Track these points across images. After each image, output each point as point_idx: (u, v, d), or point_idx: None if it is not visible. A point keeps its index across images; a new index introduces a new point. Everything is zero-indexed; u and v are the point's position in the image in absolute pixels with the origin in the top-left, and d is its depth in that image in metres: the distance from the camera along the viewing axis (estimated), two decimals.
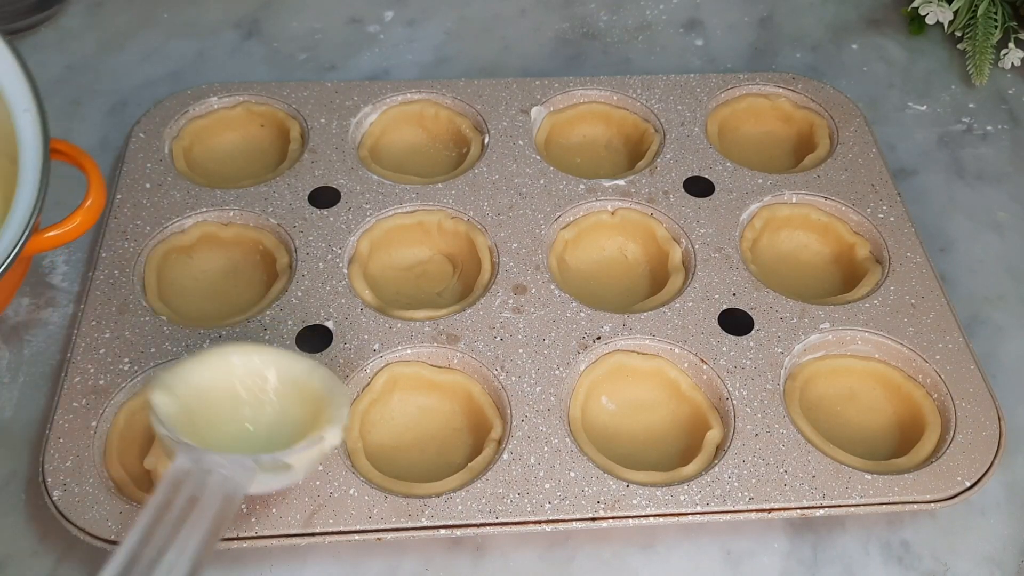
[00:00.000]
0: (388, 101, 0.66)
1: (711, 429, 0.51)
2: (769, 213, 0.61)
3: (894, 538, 0.51)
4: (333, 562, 0.48)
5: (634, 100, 0.67)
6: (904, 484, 0.48)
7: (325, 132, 0.64)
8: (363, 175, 0.61)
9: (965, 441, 0.50)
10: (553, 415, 0.50)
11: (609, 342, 0.54)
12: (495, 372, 0.52)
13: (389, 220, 0.59)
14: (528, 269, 0.57)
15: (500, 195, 0.61)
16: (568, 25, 0.80)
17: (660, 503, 0.47)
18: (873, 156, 0.65)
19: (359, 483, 0.47)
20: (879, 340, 0.55)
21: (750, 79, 0.70)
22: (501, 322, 0.54)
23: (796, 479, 0.48)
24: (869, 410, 0.54)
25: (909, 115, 0.74)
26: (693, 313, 0.55)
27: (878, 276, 0.58)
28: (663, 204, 0.61)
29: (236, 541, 0.45)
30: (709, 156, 0.64)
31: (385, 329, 0.53)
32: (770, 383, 0.52)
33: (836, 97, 0.69)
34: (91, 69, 0.73)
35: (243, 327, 0.53)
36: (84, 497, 0.46)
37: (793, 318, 0.55)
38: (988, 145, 0.72)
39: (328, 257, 0.57)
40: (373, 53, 0.76)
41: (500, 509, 0.47)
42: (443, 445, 0.52)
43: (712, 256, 0.58)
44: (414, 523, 0.46)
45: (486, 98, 0.67)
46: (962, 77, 0.76)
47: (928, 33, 0.80)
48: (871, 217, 0.61)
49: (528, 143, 0.64)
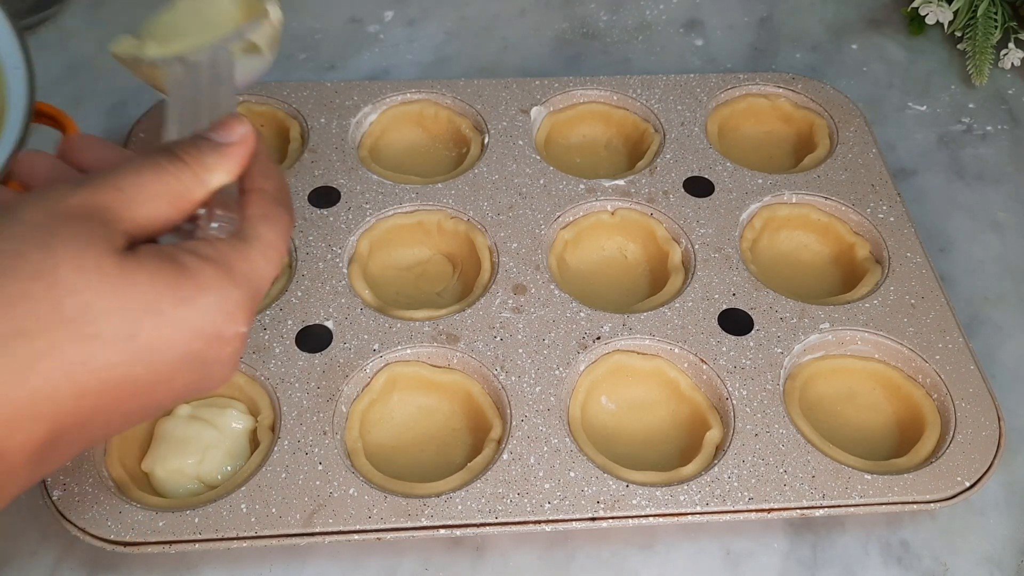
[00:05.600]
0: (388, 101, 0.66)
1: (711, 429, 0.51)
2: (769, 213, 0.61)
3: (894, 538, 0.51)
4: (333, 562, 0.48)
5: (634, 100, 0.67)
6: (904, 484, 0.48)
7: (325, 132, 0.64)
8: (363, 175, 0.61)
9: (965, 441, 0.50)
10: (553, 415, 0.50)
11: (609, 342, 0.54)
12: (495, 372, 0.52)
13: (389, 220, 0.59)
14: (528, 269, 0.57)
15: (500, 195, 0.61)
16: (568, 25, 0.80)
17: (660, 503, 0.47)
18: (873, 156, 0.65)
19: (359, 483, 0.47)
20: (879, 340, 0.55)
21: (750, 79, 0.70)
22: (501, 322, 0.54)
23: (796, 479, 0.48)
24: (869, 410, 0.54)
25: (909, 115, 0.74)
26: (693, 313, 0.55)
27: (878, 276, 0.58)
28: (663, 204, 0.61)
29: (236, 541, 0.45)
30: (709, 156, 0.64)
31: (385, 329, 0.53)
32: (770, 383, 0.52)
33: (836, 97, 0.69)
34: (91, 69, 0.73)
35: None
36: (84, 497, 0.46)
37: (793, 318, 0.55)
38: (988, 145, 0.72)
39: (328, 257, 0.57)
40: (373, 53, 0.76)
41: (500, 509, 0.47)
42: (443, 445, 0.52)
43: (712, 256, 0.58)
44: (414, 523, 0.46)
45: (486, 98, 0.66)
46: (962, 77, 0.76)
47: (928, 33, 0.80)
48: (871, 217, 0.61)
49: (528, 143, 0.64)
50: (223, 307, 0.35)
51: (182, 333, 0.34)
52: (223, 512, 0.46)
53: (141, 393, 0.34)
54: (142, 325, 0.33)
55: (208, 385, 0.37)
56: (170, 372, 0.35)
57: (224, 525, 0.45)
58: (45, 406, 0.32)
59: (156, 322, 0.33)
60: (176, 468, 0.48)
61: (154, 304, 0.33)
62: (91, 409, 0.33)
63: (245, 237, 0.37)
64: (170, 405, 0.37)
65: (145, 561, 0.48)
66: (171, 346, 0.34)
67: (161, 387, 0.35)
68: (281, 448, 0.48)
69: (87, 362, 0.32)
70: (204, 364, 0.36)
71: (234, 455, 0.49)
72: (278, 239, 0.38)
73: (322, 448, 0.48)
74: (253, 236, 0.37)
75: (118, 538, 0.45)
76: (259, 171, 0.39)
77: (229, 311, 0.35)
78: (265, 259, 0.37)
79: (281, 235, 0.38)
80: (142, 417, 0.36)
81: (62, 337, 0.32)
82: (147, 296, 0.33)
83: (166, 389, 0.35)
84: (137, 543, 0.45)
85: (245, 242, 0.37)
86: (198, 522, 0.45)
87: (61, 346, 0.32)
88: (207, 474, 0.48)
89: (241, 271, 0.36)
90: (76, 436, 0.34)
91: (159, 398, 0.36)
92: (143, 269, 0.34)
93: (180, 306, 0.34)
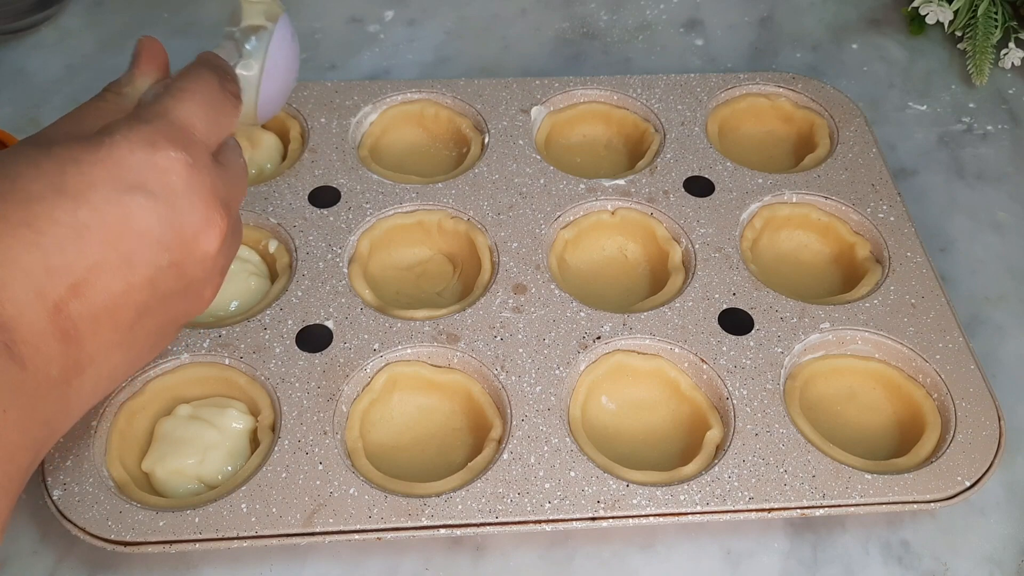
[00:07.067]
0: (388, 101, 0.66)
1: (711, 429, 0.51)
2: (769, 213, 0.61)
3: (894, 538, 0.51)
4: (333, 562, 0.48)
5: (634, 100, 0.67)
6: (904, 484, 0.48)
7: (325, 132, 0.64)
8: (363, 175, 0.61)
9: (965, 441, 0.50)
10: (553, 415, 0.50)
11: (609, 342, 0.54)
12: (495, 372, 0.52)
13: (389, 220, 0.59)
14: (528, 269, 0.57)
15: (500, 195, 0.61)
16: (568, 25, 0.80)
17: (660, 503, 0.47)
18: (873, 156, 0.65)
19: (359, 483, 0.47)
20: (879, 340, 0.55)
21: (750, 79, 0.70)
22: (501, 322, 0.54)
23: (796, 479, 0.48)
24: (869, 410, 0.54)
25: (909, 115, 0.74)
26: (693, 313, 0.55)
27: (878, 276, 0.58)
28: (663, 204, 0.61)
29: (236, 541, 0.45)
30: (709, 156, 0.64)
31: (385, 329, 0.53)
32: (770, 383, 0.52)
33: (836, 97, 0.69)
34: (91, 69, 0.73)
35: (243, 326, 0.53)
36: (84, 497, 0.46)
37: (793, 318, 0.55)
38: (988, 145, 0.72)
39: (328, 257, 0.57)
40: (373, 53, 0.76)
41: (500, 509, 0.47)
42: (443, 445, 0.52)
43: (712, 256, 0.58)
44: (414, 523, 0.46)
45: (486, 98, 0.66)
46: (962, 77, 0.76)
47: (928, 33, 0.80)
48: (871, 217, 0.61)
49: (528, 143, 0.64)
50: (137, 137, 0.38)
51: (108, 171, 0.37)
52: (223, 512, 0.46)
53: (116, 243, 0.37)
54: (67, 176, 0.36)
55: (195, 269, 0.40)
56: (131, 219, 0.37)
57: (224, 525, 0.45)
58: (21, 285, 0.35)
59: (76, 171, 0.37)
60: (176, 468, 0.48)
61: (73, 158, 0.37)
62: (72, 272, 0.36)
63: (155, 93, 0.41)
64: (161, 282, 0.39)
65: (145, 561, 0.48)
66: (104, 185, 0.37)
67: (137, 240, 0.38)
68: (281, 448, 0.48)
69: (43, 227, 0.35)
70: (173, 207, 0.38)
71: (234, 455, 0.49)
72: (193, 83, 0.41)
73: (322, 448, 0.48)
74: (164, 89, 0.41)
75: (118, 538, 0.45)
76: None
77: (147, 139, 0.38)
78: (175, 99, 0.40)
79: (198, 80, 0.42)
80: (136, 296, 0.38)
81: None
82: (64, 155, 0.37)
83: (143, 244, 0.38)
84: (137, 543, 0.45)
85: (153, 95, 0.41)
86: (198, 522, 0.45)
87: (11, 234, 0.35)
88: (207, 474, 0.48)
89: (148, 111, 0.39)
90: (83, 312, 0.36)
91: (157, 285, 0.39)
92: (61, 145, 0.38)
93: (94, 150, 0.37)
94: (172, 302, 0.40)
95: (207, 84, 0.42)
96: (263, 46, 0.48)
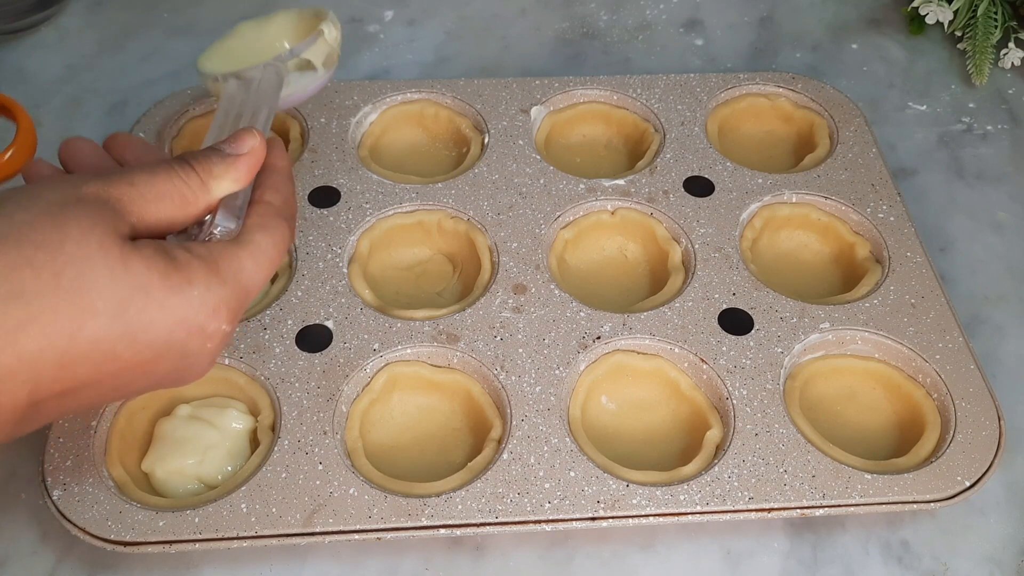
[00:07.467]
0: (388, 101, 0.66)
1: (711, 429, 0.51)
2: (769, 213, 0.61)
3: (894, 538, 0.51)
4: (333, 562, 0.48)
5: (634, 100, 0.67)
6: (904, 484, 0.48)
7: (325, 131, 0.64)
8: (363, 175, 0.61)
9: (965, 441, 0.50)
10: (553, 415, 0.50)
11: (609, 342, 0.54)
12: (495, 372, 0.52)
13: (389, 220, 0.59)
14: (528, 269, 0.57)
15: (500, 195, 0.61)
16: (568, 25, 0.80)
17: (660, 503, 0.47)
18: (873, 156, 0.65)
19: (359, 483, 0.47)
20: (879, 340, 0.55)
21: (750, 79, 0.70)
22: (501, 322, 0.54)
23: (796, 479, 0.48)
24: (869, 410, 0.54)
25: (909, 115, 0.74)
26: (693, 313, 0.55)
27: (878, 276, 0.58)
28: (663, 204, 0.61)
29: (236, 541, 0.45)
30: (709, 156, 0.64)
31: (385, 329, 0.53)
32: (770, 383, 0.52)
33: (836, 97, 0.69)
34: (91, 69, 0.73)
35: (243, 326, 0.53)
36: (84, 497, 0.46)
37: (793, 318, 0.55)
38: (988, 145, 0.72)
39: (328, 257, 0.57)
40: (373, 53, 0.76)
41: (500, 509, 0.47)
42: (443, 445, 0.52)
43: (712, 256, 0.58)
44: (414, 523, 0.46)
45: (486, 98, 0.67)
46: (962, 77, 0.76)
47: (928, 33, 0.80)
48: (871, 217, 0.61)
49: (528, 143, 0.64)
50: (207, 301, 0.37)
51: (167, 319, 0.36)
52: (223, 512, 0.46)
53: (121, 372, 0.36)
54: (131, 305, 0.35)
55: (185, 376, 0.39)
56: (151, 356, 0.36)
57: (224, 525, 0.45)
58: (29, 370, 0.33)
59: (144, 304, 0.35)
60: (176, 468, 0.48)
61: (145, 288, 0.35)
62: (72, 380, 0.35)
63: (239, 241, 0.40)
64: (145, 389, 0.39)
65: (145, 561, 0.48)
66: (156, 330, 0.36)
67: (140, 370, 0.36)
68: (281, 448, 0.48)
69: (75, 333, 0.34)
70: (184, 354, 0.37)
71: (234, 455, 0.49)
72: (272, 248, 0.40)
73: (322, 448, 0.48)
74: (247, 241, 0.40)
75: (118, 538, 0.45)
76: (270, 184, 0.42)
77: (213, 306, 0.37)
78: (255, 263, 0.39)
79: (276, 245, 0.40)
80: (116, 396, 0.38)
81: (56, 304, 0.33)
82: (139, 280, 0.35)
83: (144, 373, 0.37)
84: (137, 543, 0.45)
85: (238, 245, 0.39)
86: (198, 522, 0.45)
87: (54, 312, 0.33)
88: (207, 474, 0.48)
89: (229, 270, 0.38)
90: (53, 405, 0.35)
91: (137, 380, 0.37)
92: (140, 256, 0.36)
93: (168, 293, 0.36)
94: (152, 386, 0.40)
95: (282, 247, 0.41)
96: (304, 86, 0.50)
